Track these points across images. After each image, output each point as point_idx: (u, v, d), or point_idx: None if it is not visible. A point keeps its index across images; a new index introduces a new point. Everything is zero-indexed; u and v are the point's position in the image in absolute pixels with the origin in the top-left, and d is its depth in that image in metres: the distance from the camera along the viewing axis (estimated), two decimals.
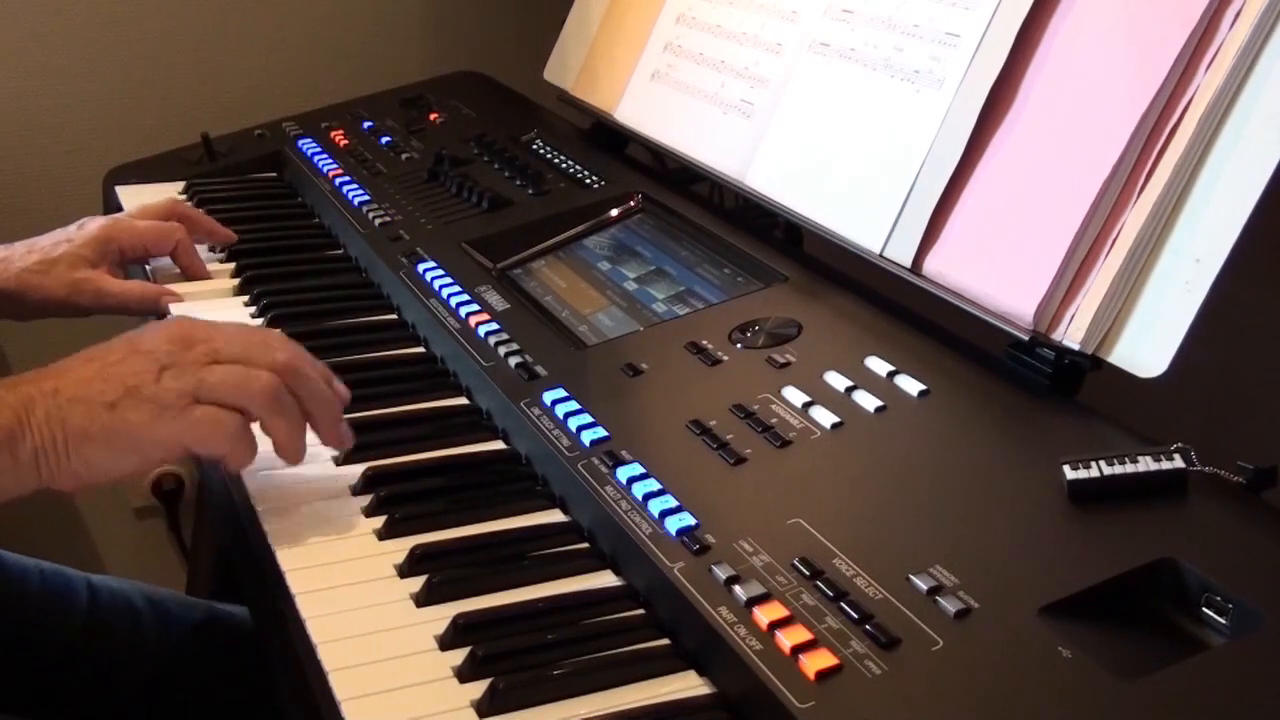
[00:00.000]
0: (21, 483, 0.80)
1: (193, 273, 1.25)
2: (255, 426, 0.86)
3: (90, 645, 1.10)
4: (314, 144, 1.52)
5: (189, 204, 1.35)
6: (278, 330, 0.94)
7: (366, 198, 1.35)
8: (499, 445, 0.96)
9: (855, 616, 0.69)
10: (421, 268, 1.17)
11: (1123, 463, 0.74)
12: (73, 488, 0.81)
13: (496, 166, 1.39)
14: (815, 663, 0.66)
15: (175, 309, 1.18)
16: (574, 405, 0.92)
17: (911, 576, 0.71)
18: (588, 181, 1.32)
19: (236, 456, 0.84)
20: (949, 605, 0.68)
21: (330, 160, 1.46)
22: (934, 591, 0.70)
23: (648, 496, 0.81)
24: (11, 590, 1.09)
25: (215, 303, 1.23)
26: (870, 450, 0.83)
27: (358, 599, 0.78)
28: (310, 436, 0.94)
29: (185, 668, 1.12)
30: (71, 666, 1.08)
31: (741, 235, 1.15)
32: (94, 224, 1.21)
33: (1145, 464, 0.74)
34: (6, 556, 1.13)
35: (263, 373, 0.84)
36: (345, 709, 0.69)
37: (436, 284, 1.14)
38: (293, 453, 0.87)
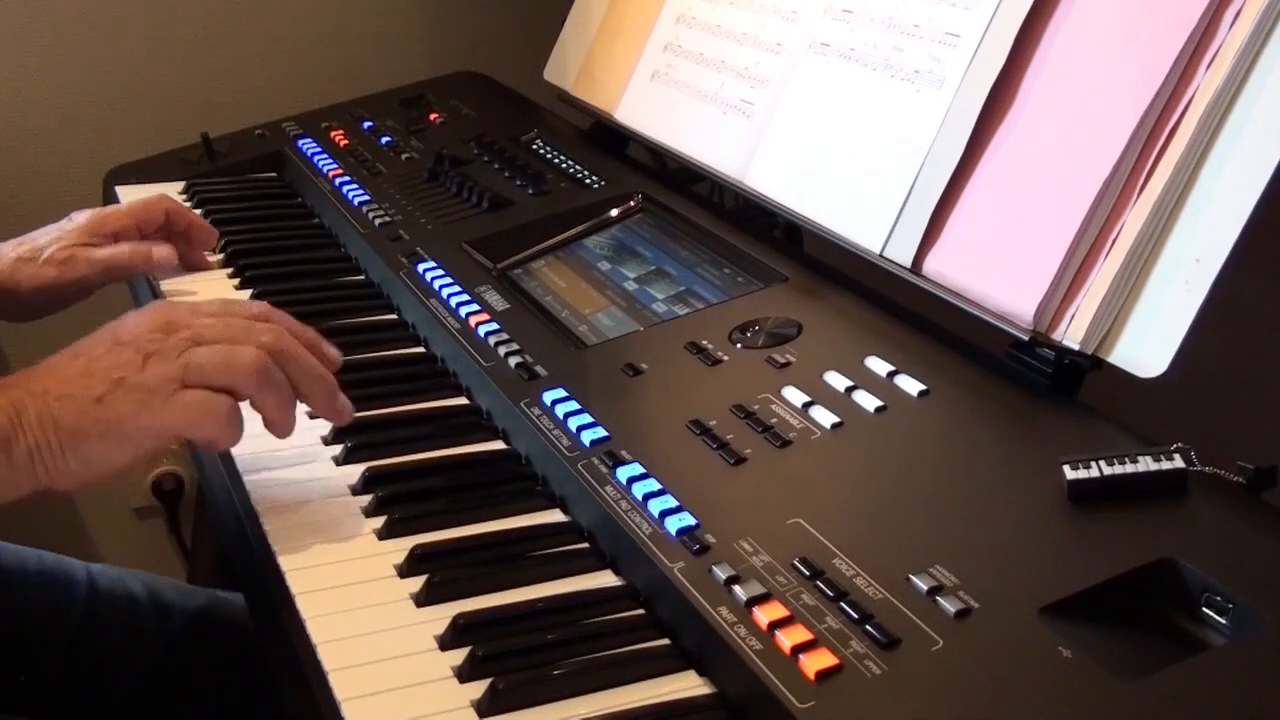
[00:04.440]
0: (17, 485, 0.80)
1: (193, 233, 1.26)
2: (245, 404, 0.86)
3: (89, 632, 1.10)
4: (314, 144, 1.52)
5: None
6: (262, 302, 0.93)
7: (366, 198, 1.35)
8: (499, 445, 0.96)
9: (855, 616, 0.69)
10: (421, 268, 1.17)
11: (1123, 463, 0.74)
12: (72, 486, 0.81)
13: (496, 166, 1.39)
14: (815, 663, 0.66)
15: (167, 284, 1.19)
16: (574, 405, 0.92)
17: (911, 576, 0.71)
18: (588, 181, 1.32)
19: (226, 438, 0.84)
20: (949, 605, 0.68)
21: (330, 160, 1.46)
22: (934, 591, 0.70)
23: (648, 496, 0.81)
24: (10, 578, 1.09)
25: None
26: (870, 450, 0.83)
27: (358, 599, 0.78)
28: (310, 436, 0.95)
29: (185, 655, 1.13)
30: (71, 654, 1.08)
31: (741, 235, 1.15)
32: (82, 215, 1.22)
33: (1145, 464, 0.74)
34: (5, 546, 1.13)
35: (247, 349, 0.84)
36: (345, 709, 0.69)
37: (436, 284, 1.14)
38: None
